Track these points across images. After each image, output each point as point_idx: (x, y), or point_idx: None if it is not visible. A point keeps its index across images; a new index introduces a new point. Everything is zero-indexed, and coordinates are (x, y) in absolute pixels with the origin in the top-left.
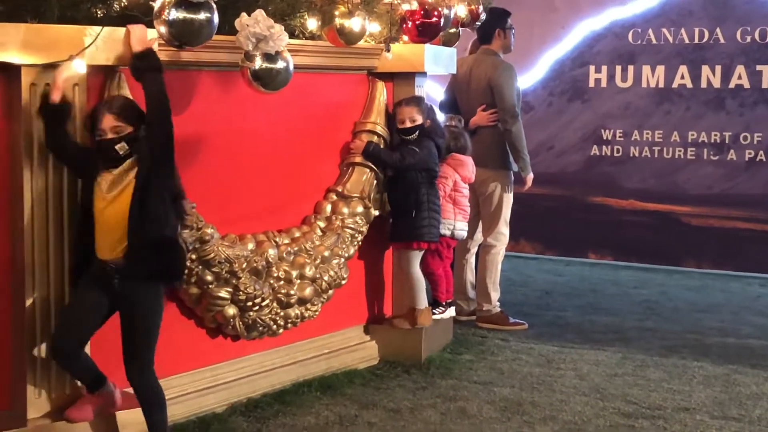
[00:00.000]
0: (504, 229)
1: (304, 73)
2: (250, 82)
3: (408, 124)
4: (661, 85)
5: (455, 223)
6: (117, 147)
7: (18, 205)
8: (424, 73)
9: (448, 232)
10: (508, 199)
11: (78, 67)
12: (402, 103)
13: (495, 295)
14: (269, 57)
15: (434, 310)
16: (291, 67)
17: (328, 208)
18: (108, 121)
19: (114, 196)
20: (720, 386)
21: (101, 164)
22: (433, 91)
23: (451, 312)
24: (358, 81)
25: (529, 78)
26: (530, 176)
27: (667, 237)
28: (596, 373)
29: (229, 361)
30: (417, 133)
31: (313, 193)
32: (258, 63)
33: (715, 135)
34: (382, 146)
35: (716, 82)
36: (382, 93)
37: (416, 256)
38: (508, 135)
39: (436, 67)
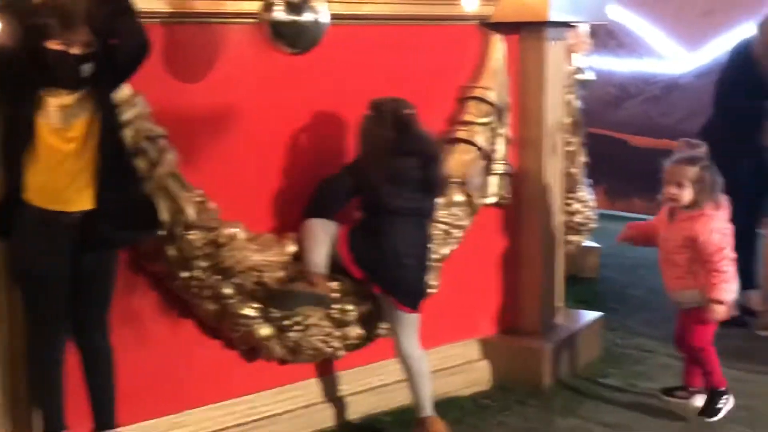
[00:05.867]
0: None
1: (386, 26)
2: (270, 39)
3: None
4: None
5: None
6: (84, 67)
7: None
8: (562, 23)
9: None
10: None
11: None
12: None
13: None
14: (293, 7)
15: None
16: (324, 20)
17: None
18: (82, 32)
19: (76, 136)
20: None
21: (46, 80)
22: None
23: None
24: (466, 34)
25: None
26: None
27: None
28: None
29: (272, 390)
30: None
31: None
32: (279, 15)
33: None
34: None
35: None
36: (498, 50)
37: None
38: None
39: (571, 14)
